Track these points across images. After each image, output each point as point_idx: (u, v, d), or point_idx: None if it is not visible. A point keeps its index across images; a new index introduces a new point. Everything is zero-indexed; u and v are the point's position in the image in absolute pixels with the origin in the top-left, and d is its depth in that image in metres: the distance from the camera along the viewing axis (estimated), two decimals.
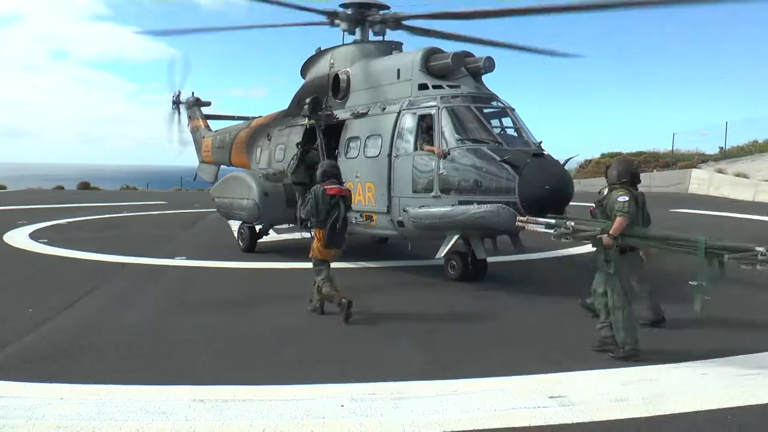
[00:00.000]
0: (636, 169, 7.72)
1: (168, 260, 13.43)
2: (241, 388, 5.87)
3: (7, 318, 8.45)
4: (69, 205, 28.70)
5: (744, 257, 6.75)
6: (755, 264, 6.63)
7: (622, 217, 6.87)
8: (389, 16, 13.88)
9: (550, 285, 11.19)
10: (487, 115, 11.16)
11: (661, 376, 6.38)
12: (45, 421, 5.04)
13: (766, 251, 6.52)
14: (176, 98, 24.59)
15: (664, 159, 41.90)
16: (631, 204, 6.99)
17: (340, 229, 8.84)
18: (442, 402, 5.57)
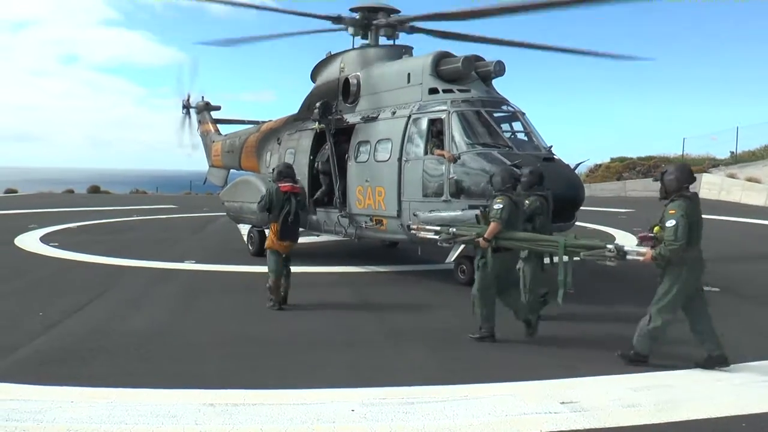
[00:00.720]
0: (519, 176, 8.31)
1: (177, 264, 13.46)
2: (251, 392, 5.86)
3: (18, 321, 8.49)
4: (79, 209, 28.84)
5: (597, 254, 7.44)
6: (605, 260, 7.38)
7: (495, 223, 7.70)
8: (399, 19, 13.86)
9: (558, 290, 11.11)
10: (498, 120, 11.13)
11: (674, 382, 6.33)
12: (55, 424, 5.04)
13: (614, 249, 7.21)
14: (186, 102, 24.66)
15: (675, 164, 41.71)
16: (504, 211, 7.70)
17: (292, 222, 9.68)
18: (453, 407, 5.53)
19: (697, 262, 6.79)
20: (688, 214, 6.58)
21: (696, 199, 6.85)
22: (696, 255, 6.76)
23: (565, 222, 10.46)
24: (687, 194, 6.78)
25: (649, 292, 10.70)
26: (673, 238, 6.51)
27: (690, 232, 6.54)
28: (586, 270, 13.32)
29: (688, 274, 6.72)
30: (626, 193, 39.77)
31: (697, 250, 6.76)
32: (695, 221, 6.67)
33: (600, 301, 10.12)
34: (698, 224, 6.74)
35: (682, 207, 6.63)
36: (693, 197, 6.82)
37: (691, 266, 6.72)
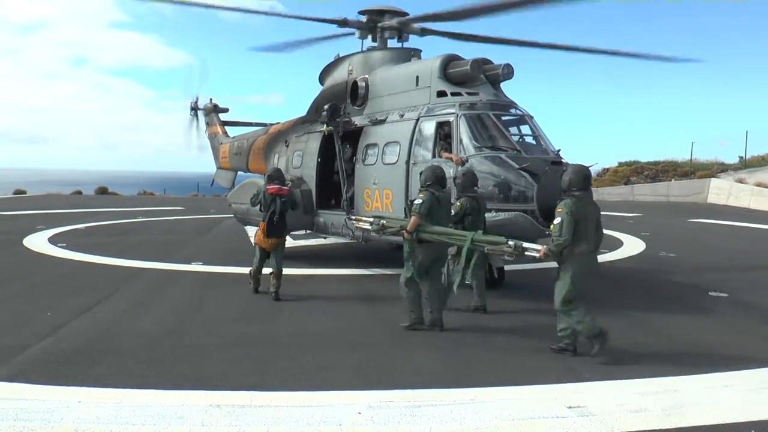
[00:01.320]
0: (441, 174, 8.76)
1: (185, 265, 13.49)
2: (258, 393, 5.87)
3: (26, 321, 8.51)
4: (87, 210, 28.95)
5: (498, 249, 7.96)
6: (505, 255, 7.96)
7: (415, 216, 8.39)
8: (404, 21, 13.87)
9: None
10: (506, 123, 11.11)
11: (682, 386, 6.29)
12: (63, 424, 5.05)
13: (513, 245, 7.75)
14: (194, 104, 24.75)
15: (683, 168, 41.58)
16: (423, 206, 8.39)
17: (277, 221, 10.54)
18: (460, 410, 5.52)
19: (586, 255, 7.28)
20: (573, 212, 7.10)
21: (586, 198, 7.33)
22: (584, 250, 7.24)
23: None
24: (576, 194, 7.28)
25: (655, 298, 10.78)
26: (558, 234, 7.16)
27: (577, 229, 7.10)
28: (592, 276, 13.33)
29: (579, 267, 7.25)
30: (634, 197, 39.64)
31: (585, 245, 7.24)
32: (582, 219, 7.17)
33: (605, 306, 10.07)
34: (586, 222, 7.22)
35: (568, 206, 7.17)
36: (582, 197, 7.29)
37: (580, 260, 7.24)
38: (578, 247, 7.19)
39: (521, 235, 10.22)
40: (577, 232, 7.13)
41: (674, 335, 8.38)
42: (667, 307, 10.09)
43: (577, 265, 7.26)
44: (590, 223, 7.29)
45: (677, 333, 8.50)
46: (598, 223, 7.44)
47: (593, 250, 7.42)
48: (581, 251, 7.23)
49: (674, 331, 8.57)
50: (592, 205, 7.42)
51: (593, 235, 7.36)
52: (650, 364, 7.03)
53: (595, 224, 7.37)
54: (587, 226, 7.24)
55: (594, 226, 7.36)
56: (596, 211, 7.46)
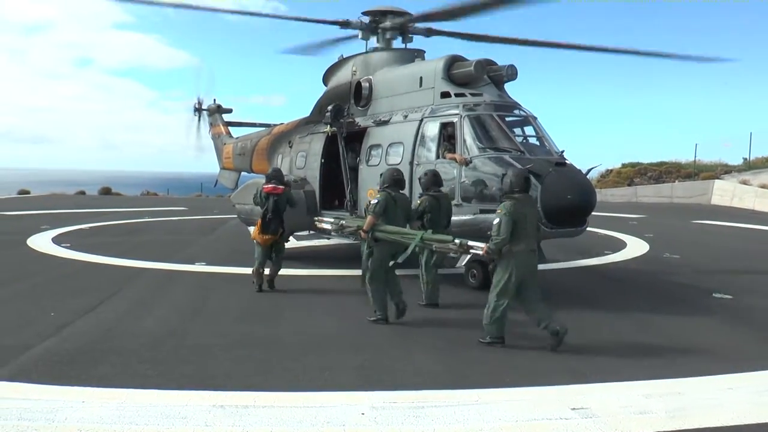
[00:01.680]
0: (399, 177, 9.28)
1: (188, 266, 13.50)
2: (261, 394, 5.86)
3: (29, 321, 8.52)
4: (90, 210, 29.00)
5: (445, 247, 8.55)
6: (451, 252, 8.66)
7: (371, 216, 8.87)
8: (409, 21, 13.86)
9: (571, 295, 11.08)
10: (510, 124, 11.10)
11: (686, 388, 6.27)
12: (67, 424, 5.06)
13: (458, 242, 8.31)
14: (198, 105, 24.79)
15: (686, 170, 41.55)
16: (379, 206, 8.88)
17: (270, 219, 11.04)
18: (463, 412, 5.51)
19: (524, 254, 7.64)
20: (511, 213, 7.52)
21: (525, 200, 7.79)
22: (523, 248, 7.62)
23: (577, 227, 10.41)
24: (515, 196, 7.72)
25: (658, 299, 10.76)
26: (496, 233, 7.56)
27: (515, 228, 7.49)
28: (596, 277, 13.33)
29: (517, 264, 7.60)
30: (637, 198, 39.61)
31: (524, 244, 7.62)
32: (521, 219, 7.56)
33: (609, 307, 10.07)
34: (525, 222, 7.61)
35: (507, 207, 7.60)
36: (522, 199, 7.73)
37: (519, 258, 7.60)
38: (517, 246, 7.57)
39: None
40: (515, 231, 7.51)
41: (678, 337, 8.36)
42: (670, 308, 10.07)
43: (515, 263, 7.62)
44: (529, 223, 7.70)
45: (681, 335, 8.48)
46: (538, 224, 8.05)
47: (532, 249, 7.78)
48: (520, 250, 7.60)
49: (678, 333, 8.56)
50: (531, 206, 7.90)
51: (533, 235, 7.79)
52: (654, 366, 7.01)
53: (534, 226, 7.86)
54: (526, 226, 7.63)
55: (534, 227, 7.84)
56: (536, 212, 8.03)
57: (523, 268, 7.65)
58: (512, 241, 7.53)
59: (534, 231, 7.84)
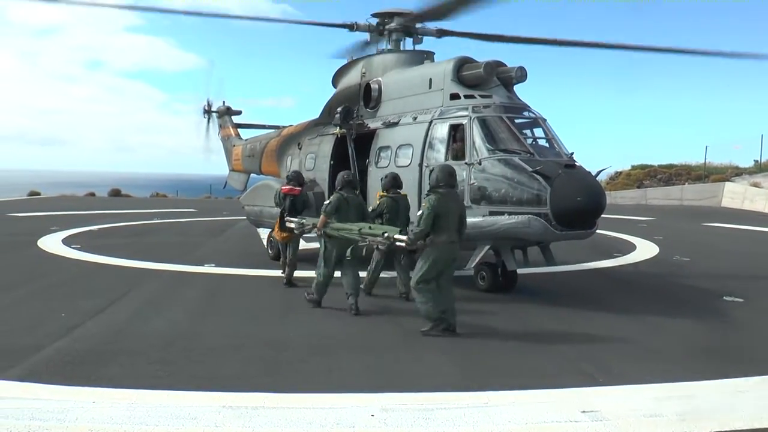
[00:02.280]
0: (351, 179, 10.14)
1: (197, 267, 13.54)
2: (271, 395, 5.86)
3: (40, 322, 8.56)
4: (100, 212, 29.14)
5: (377, 240, 9.19)
6: (379, 244, 9.30)
7: (323, 215, 9.74)
8: (416, 21, 13.86)
9: (581, 298, 11.05)
10: (519, 126, 11.07)
11: (697, 392, 6.23)
12: (78, 424, 5.07)
13: (387, 235, 8.95)
14: (207, 107, 24.88)
15: (697, 172, 41.38)
16: (330, 206, 9.74)
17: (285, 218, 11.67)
18: (473, 414, 5.49)
19: (445, 245, 8.22)
20: (434, 206, 8.09)
21: (449, 194, 8.34)
22: (444, 240, 8.20)
23: (587, 230, 10.37)
24: (440, 191, 8.27)
25: (669, 302, 10.72)
26: (417, 225, 8.26)
27: (438, 221, 8.09)
28: (605, 279, 13.28)
29: (437, 254, 8.22)
30: (647, 201, 39.48)
31: (445, 236, 8.20)
32: (444, 213, 8.14)
33: (619, 310, 10.03)
34: (448, 216, 8.19)
35: (431, 201, 8.19)
36: (446, 193, 8.29)
37: (439, 248, 8.22)
38: (438, 237, 8.18)
39: (535, 239, 10.23)
40: (438, 224, 8.11)
41: (689, 340, 8.32)
42: (681, 311, 10.02)
43: (437, 253, 8.23)
44: (452, 217, 8.26)
45: (692, 338, 8.44)
46: (462, 218, 8.47)
47: (454, 240, 8.33)
48: (441, 241, 8.20)
49: (689, 336, 8.51)
50: (455, 200, 8.46)
51: (454, 228, 8.31)
52: (665, 369, 6.97)
53: (457, 219, 8.35)
54: (449, 220, 8.21)
55: (457, 220, 8.35)
56: (460, 206, 8.54)
57: (443, 257, 8.28)
58: (435, 233, 8.14)
59: (456, 224, 8.34)
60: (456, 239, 8.38)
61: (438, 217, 8.10)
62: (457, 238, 8.39)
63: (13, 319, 8.76)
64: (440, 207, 8.14)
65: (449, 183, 8.39)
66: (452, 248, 8.35)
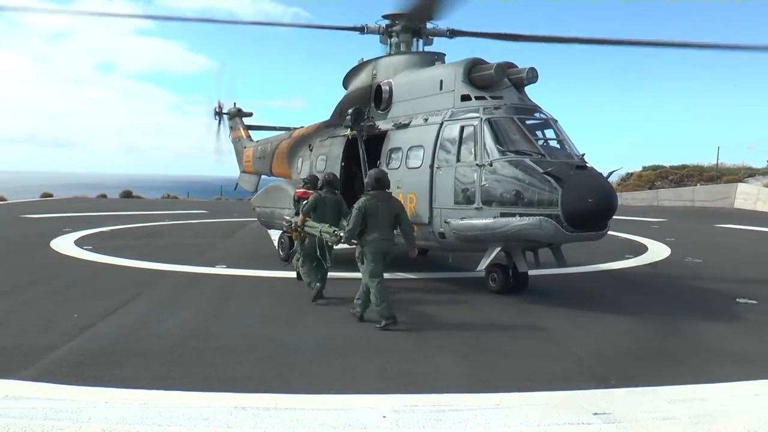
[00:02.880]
0: (330, 179, 10.92)
1: (208, 268, 13.58)
2: (283, 396, 5.87)
3: (53, 322, 8.61)
4: (112, 213, 29.27)
5: (331, 238, 10.05)
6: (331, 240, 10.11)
7: (301, 215, 10.79)
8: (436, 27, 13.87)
9: (592, 299, 11.02)
10: (530, 127, 11.05)
11: (711, 395, 6.19)
12: (90, 424, 5.09)
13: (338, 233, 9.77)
14: (218, 109, 24.96)
15: (709, 173, 41.16)
16: (309, 205, 10.65)
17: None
18: (485, 415, 5.49)
19: (377, 241, 9.02)
20: (362, 208, 9.00)
21: (380, 196, 9.16)
22: (376, 237, 9.02)
23: (598, 231, 10.33)
24: (370, 193, 9.20)
25: (681, 304, 10.67)
26: (346, 224, 9.37)
27: (369, 220, 8.99)
28: (617, 281, 13.23)
29: (374, 249, 9.01)
30: (658, 202, 39.30)
31: (377, 233, 9.01)
32: (373, 214, 8.99)
33: (631, 312, 9.99)
34: (377, 215, 9.00)
35: (360, 202, 9.09)
36: (376, 195, 9.16)
37: (373, 244, 9.02)
38: (370, 235, 9.04)
39: (546, 240, 10.20)
40: (369, 223, 9.00)
41: (702, 342, 8.27)
42: (693, 313, 9.97)
43: (372, 248, 9.03)
44: (382, 217, 9.04)
45: (705, 340, 8.39)
46: (398, 216, 9.21)
47: (385, 237, 9.09)
48: (373, 238, 9.02)
49: (702, 338, 8.46)
50: (385, 202, 9.16)
51: (386, 226, 9.09)
52: (678, 371, 6.95)
53: (390, 218, 9.12)
54: (379, 219, 9.02)
55: (388, 219, 9.10)
56: (391, 206, 9.22)
57: (380, 251, 9.07)
58: (367, 232, 9.04)
59: (388, 223, 9.12)
60: (388, 237, 9.15)
61: (368, 217, 9.00)
62: (389, 235, 9.16)
63: (27, 319, 8.81)
64: (370, 208, 9.02)
65: (379, 186, 9.24)
66: (384, 244, 9.11)
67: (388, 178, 9.44)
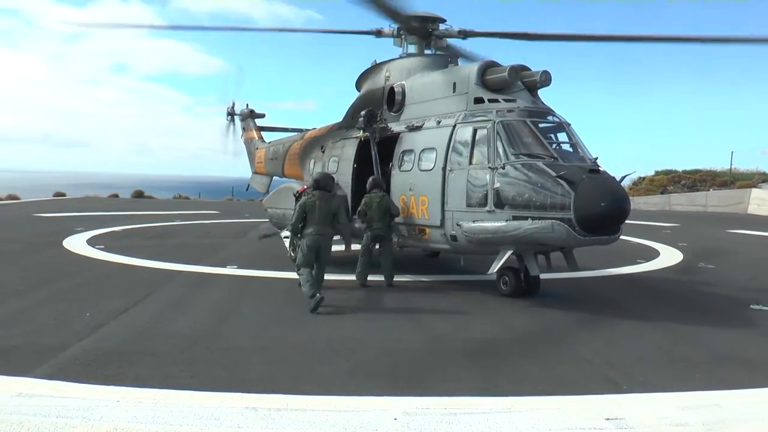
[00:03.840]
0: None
1: (220, 269, 13.62)
2: (294, 397, 5.87)
3: (66, 321, 8.65)
4: (124, 213, 29.42)
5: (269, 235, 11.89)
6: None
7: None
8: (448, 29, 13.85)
9: (604, 303, 10.96)
10: (543, 130, 11.01)
11: (724, 401, 6.13)
12: (102, 423, 5.11)
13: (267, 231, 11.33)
14: (231, 110, 25.04)
15: (722, 178, 40.93)
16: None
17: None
18: (496, 419, 5.46)
19: (312, 235, 10.23)
20: (302, 205, 10.36)
21: (319, 196, 10.36)
22: (312, 231, 10.23)
23: (611, 235, 10.28)
24: (312, 192, 10.52)
25: (694, 310, 10.60)
26: (290, 220, 10.79)
27: (307, 216, 10.25)
28: (629, 286, 13.16)
29: (308, 242, 10.26)
30: (670, 206, 39.11)
31: (313, 228, 10.23)
32: (311, 210, 10.25)
33: (643, 317, 9.93)
34: (314, 212, 10.23)
35: (301, 201, 10.52)
36: (316, 194, 10.40)
37: (308, 238, 10.27)
38: (307, 229, 10.29)
39: (558, 244, 10.16)
40: (308, 219, 10.24)
41: (715, 348, 8.20)
42: (707, 319, 9.90)
43: (307, 241, 10.26)
44: (320, 213, 10.21)
45: (718, 346, 8.32)
46: (336, 214, 10.35)
47: (319, 233, 10.22)
48: (309, 232, 10.25)
49: (715, 344, 8.39)
50: (322, 200, 10.32)
51: (322, 222, 10.23)
52: (691, 377, 6.89)
53: (328, 215, 10.28)
54: (316, 216, 10.21)
55: (325, 217, 10.25)
56: (330, 205, 10.34)
57: (313, 245, 10.20)
58: (306, 226, 10.27)
59: (324, 219, 10.24)
60: (323, 231, 10.27)
61: (307, 213, 10.25)
62: (323, 230, 10.27)
63: (40, 318, 8.86)
64: (308, 206, 10.29)
65: (318, 187, 10.53)
66: (318, 238, 10.22)
67: (329, 181, 10.72)
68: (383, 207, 12.10)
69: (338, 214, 10.38)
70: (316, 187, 10.52)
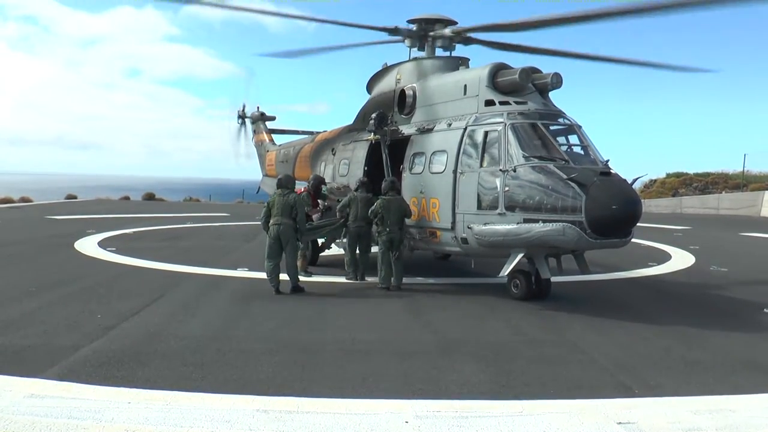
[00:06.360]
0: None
1: (230, 271, 13.64)
2: (305, 400, 5.87)
3: (78, 323, 8.68)
4: (135, 215, 29.53)
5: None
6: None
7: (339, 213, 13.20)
8: (456, 30, 13.81)
9: (615, 307, 10.90)
10: (554, 133, 10.98)
11: (736, 406, 6.09)
12: (114, 424, 5.13)
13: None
14: (242, 112, 25.10)
15: (734, 180, 40.68)
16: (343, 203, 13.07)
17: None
18: (508, 422, 5.44)
19: (275, 226, 11.50)
20: (269, 203, 11.84)
21: (282, 194, 11.71)
22: (272, 222, 11.55)
23: (622, 238, 10.23)
24: (278, 191, 11.84)
25: (706, 313, 10.54)
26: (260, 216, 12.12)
27: (271, 211, 11.66)
28: (641, 289, 13.10)
29: (271, 233, 11.55)
30: (682, 209, 38.89)
31: (274, 220, 11.55)
32: (273, 206, 11.65)
33: (655, 320, 9.87)
34: (275, 208, 11.60)
35: (271, 198, 12.03)
36: (279, 192, 11.79)
37: (272, 229, 11.54)
38: (271, 221, 11.55)
39: (569, 247, 10.12)
40: (272, 213, 11.60)
41: (728, 352, 8.14)
42: (719, 323, 9.82)
43: (270, 232, 11.55)
44: (278, 208, 11.55)
45: (731, 350, 8.26)
46: (292, 210, 11.54)
47: (278, 223, 11.47)
48: (271, 224, 11.54)
49: (728, 348, 8.33)
50: (283, 197, 11.63)
51: (281, 214, 11.49)
52: (703, 382, 6.85)
53: (287, 209, 11.53)
54: (276, 210, 11.54)
55: (281, 208, 11.53)
56: (286, 199, 11.59)
57: (274, 236, 11.48)
58: (271, 220, 11.56)
59: (282, 211, 11.51)
60: (281, 222, 11.47)
61: (271, 208, 11.66)
62: (282, 221, 11.46)
63: (52, 319, 8.90)
64: (270, 202, 11.80)
65: (279, 185, 11.91)
66: (277, 228, 11.48)
67: (289, 180, 12.15)
68: (401, 209, 12.21)
69: (296, 207, 11.61)
70: (279, 185, 11.95)
